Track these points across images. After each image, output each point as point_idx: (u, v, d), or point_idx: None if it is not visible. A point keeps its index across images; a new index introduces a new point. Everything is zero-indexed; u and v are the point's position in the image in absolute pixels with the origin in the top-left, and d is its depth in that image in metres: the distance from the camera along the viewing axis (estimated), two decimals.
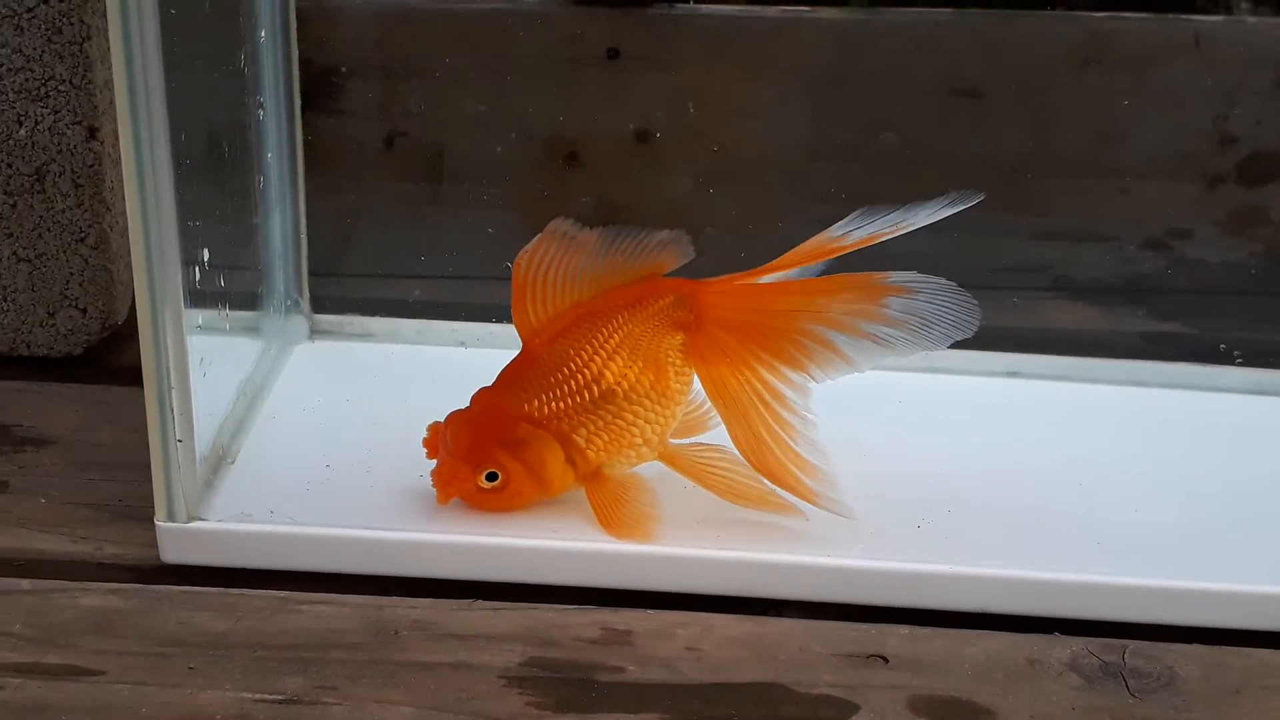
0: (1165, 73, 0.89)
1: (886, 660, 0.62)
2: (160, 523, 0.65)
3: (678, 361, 0.68)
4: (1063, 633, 0.63)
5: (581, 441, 0.66)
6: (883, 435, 0.75)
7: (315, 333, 0.83)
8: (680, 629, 0.63)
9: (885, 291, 0.66)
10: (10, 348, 0.82)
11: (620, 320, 0.67)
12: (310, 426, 0.74)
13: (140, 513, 0.68)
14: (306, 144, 0.85)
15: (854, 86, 0.89)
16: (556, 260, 0.65)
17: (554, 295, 0.66)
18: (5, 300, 0.80)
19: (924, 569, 0.65)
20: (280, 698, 0.58)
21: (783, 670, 0.61)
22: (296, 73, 0.78)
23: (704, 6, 0.89)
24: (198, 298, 0.66)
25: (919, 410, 0.78)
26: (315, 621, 0.62)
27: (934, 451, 0.74)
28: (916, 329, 0.66)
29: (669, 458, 0.69)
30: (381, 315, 0.84)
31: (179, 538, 0.65)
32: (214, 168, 0.70)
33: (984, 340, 0.85)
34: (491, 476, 0.65)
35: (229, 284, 0.72)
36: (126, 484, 0.71)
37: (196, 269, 0.66)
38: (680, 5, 0.88)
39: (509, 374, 0.67)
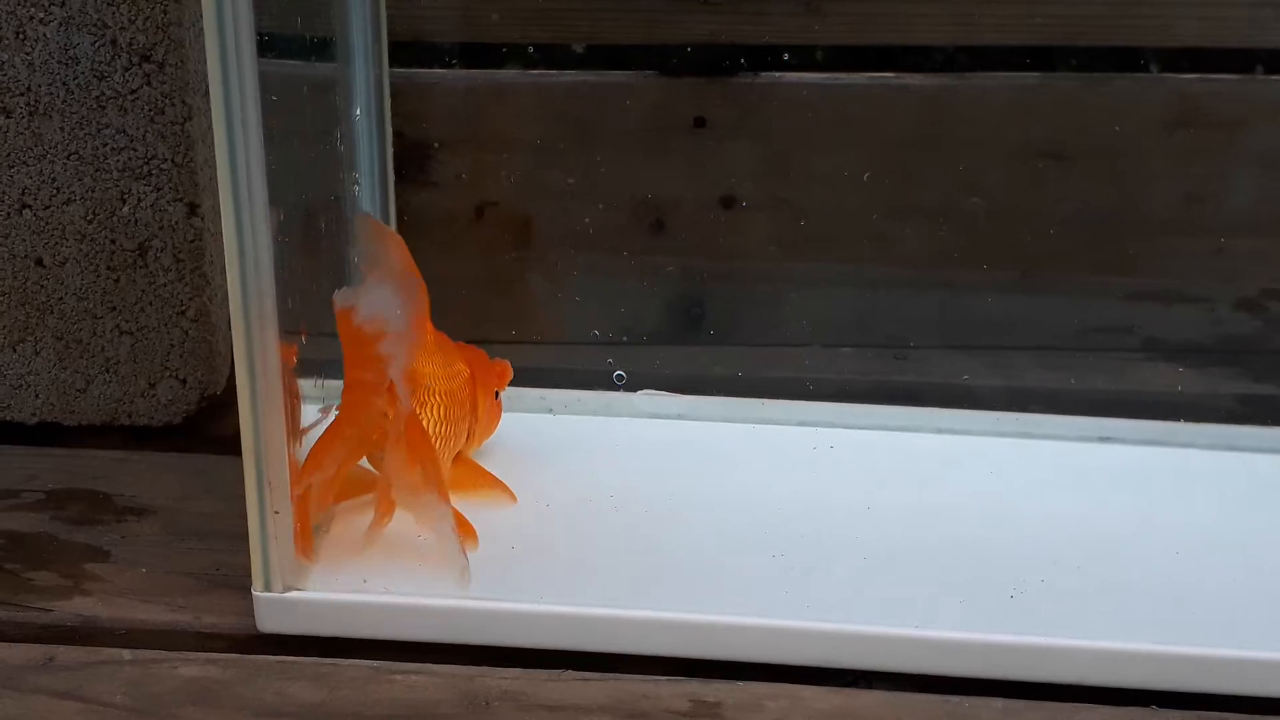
0: (1258, 133, 0.88)
1: None
2: (257, 593, 0.66)
3: None
4: (1161, 705, 0.62)
5: None
6: (975, 503, 0.75)
7: None
8: (769, 701, 0.63)
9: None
10: (112, 417, 0.84)
11: None
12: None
13: (237, 581, 0.70)
14: (399, 215, 0.88)
15: (941, 151, 0.89)
16: None
17: None
18: (108, 371, 0.83)
19: (1018, 641, 0.64)
20: None
21: None
22: (390, 148, 0.80)
23: (788, 74, 0.89)
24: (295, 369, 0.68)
25: (1011, 477, 0.78)
26: (408, 692, 0.63)
27: (1026, 519, 0.74)
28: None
29: None
30: None
31: (275, 608, 0.66)
32: (311, 242, 0.71)
33: (1075, 404, 0.85)
34: None
35: (324, 353, 0.73)
36: (224, 553, 0.73)
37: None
38: (765, 74, 0.89)
39: None
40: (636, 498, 0.75)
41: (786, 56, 0.88)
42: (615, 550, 0.70)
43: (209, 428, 0.85)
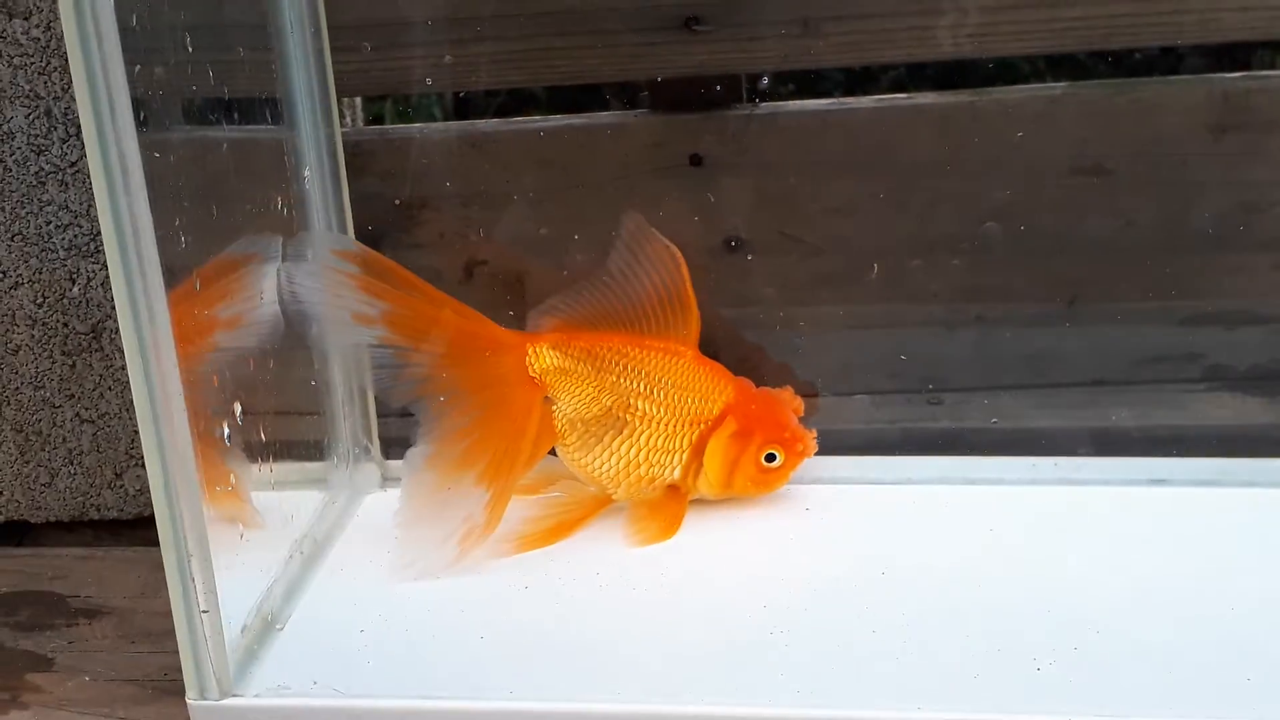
0: None
1: None
2: (191, 700, 0.60)
3: None
4: None
5: None
6: (1002, 557, 0.67)
7: (389, 480, 0.78)
8: None
9: None
10: (80, 512, 0.79)
11: None
12: (374, 584, 0.68)
13: (184, 688, 0.64)
14: None
15: (964, 175, 0.81)
16: None
17: None
18: (71, 464, 0.78)
19: None
20: None
21: None
22: (349, 210, 0.74)
23: (789, 104, 0.82)
24: (232, 452, 0.62)
25: (1046, 528, 0.69)
26: None
27: (1062, 577, 0.65)
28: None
29: None
30: None
31: (212, 716, 0.60)
32: None
33: (1131, 444, 0.76)
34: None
35: (278, 435, 0.67)
36: (175, 655, 0.66)
37: (225, 424, 0.62)
38: (764, 104, 0.82)
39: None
40: (621, 577, 0.68)
41: (787, 84, 0.80)
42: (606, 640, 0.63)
43: None
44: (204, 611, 0.59)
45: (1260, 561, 0.65)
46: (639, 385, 0.70)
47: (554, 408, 0.70)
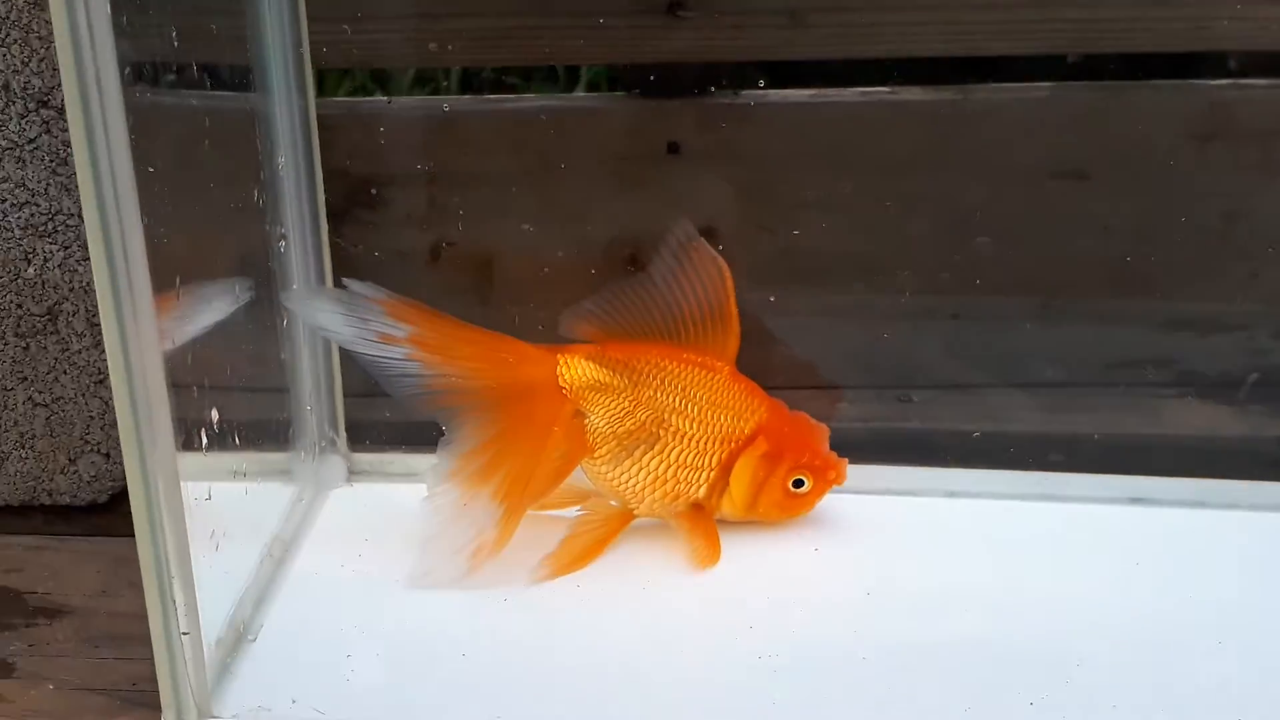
0: None
1: None
2: None
3: None
4: None
5: None
6: (986, 582, 0.67)
7: (354, 474, 0.76)
8: None
9: None
10: (31, 496, 0.76)
11: None
12: (346, 591, 0.67)
13: (154, 699, 0.61)
14: (343, 260, 0.79)
15: (945, 173, 0.80)
16: None
17: None
18: (23, 447, 0.75)
19: None
20: None
21: None
22: (322, 197, 0.71)
23: (771, 93, 0.80)
24: (204, 460, 0.60)
25: (1030, 549, 0.69)
26: None
27: (1049, 601, 0.65)
28: None
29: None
30: (428, 451, 0.76)
31: None
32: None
33: (1104, 458, 0.76)
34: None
35: (250, 433, 0.65)
36: (142, 662, 0.64)
37: (203, 432, 0.60)
38: (745, 92, 0.80)
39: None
40: (600, 591, 0.67)
41: (768, 75, 0.78)
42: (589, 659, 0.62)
43: None
44: (184, 634, 0.56)
45: (1248, 591, 0.66)
46: (675, 401, 0.68)
47: (586, 421, 0.68)
